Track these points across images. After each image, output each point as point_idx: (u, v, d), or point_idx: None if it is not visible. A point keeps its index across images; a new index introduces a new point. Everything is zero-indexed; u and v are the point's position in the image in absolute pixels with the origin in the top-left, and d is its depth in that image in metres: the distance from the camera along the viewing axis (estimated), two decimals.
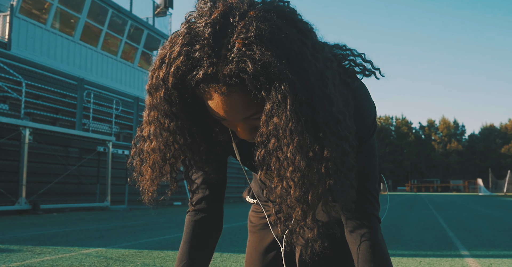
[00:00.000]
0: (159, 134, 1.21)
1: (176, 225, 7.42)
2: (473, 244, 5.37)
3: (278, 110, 1.03)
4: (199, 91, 1.09)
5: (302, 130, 1.03)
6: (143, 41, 20.41)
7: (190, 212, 1.53)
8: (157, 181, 1.31)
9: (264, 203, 1.84)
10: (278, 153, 1.06)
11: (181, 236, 1.51)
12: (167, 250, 4.59)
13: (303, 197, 1.08)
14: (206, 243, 1.52)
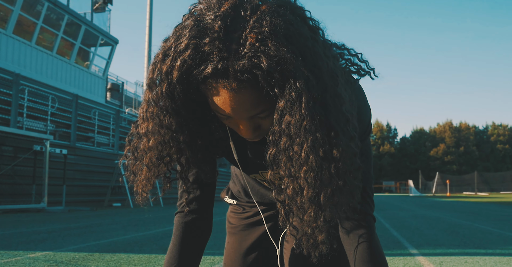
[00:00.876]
0: (157, 131, 1.15)
1: (122, 227, 7.21)
2: (419, 243, 5.55)
3: (292, 108, 1.00)
4: (205, 87, 1.04)
5: (316, 129, 1.01)
6: (81, 37, 19.70)
7: (180, 213, 1.47)
8: (152, 180, 1.25)
9: (246, 204, 1.81)
10: (290, 152, 1.03)
11: (130, 238, 1.45)
12: (119, 253, 4.43)
13: (315, 197, 1.06)
14: (196, 246, 1.46)
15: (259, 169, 1.49)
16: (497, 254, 4.65)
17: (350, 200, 1.12)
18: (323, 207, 1.07)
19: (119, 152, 16.30)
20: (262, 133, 1.16)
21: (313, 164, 1.02)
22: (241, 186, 1.77)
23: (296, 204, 1.08)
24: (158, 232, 6.42)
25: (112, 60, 22.22)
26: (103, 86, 21.70)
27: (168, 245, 1.23)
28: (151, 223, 8.14)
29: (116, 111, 17.76)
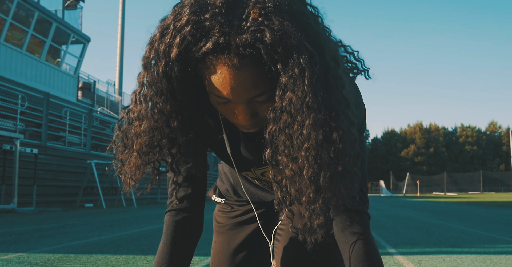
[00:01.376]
0: (150, 116, 1.10)
1: (96, 228, 7.08)
2: (396, 242, 5.60)
3: (294, 84, 0.97)
4: (203, 66, 1.01)
5: (318, 107, 0.98)
6: (51, 34, 19.29)
7: (170, 211, 1.42)
8: (141, 169, 1.19)
9: (234, 203, 1.77)
10: (291, 130, 1.00)
11: (105, 239, 1.40)
12: (96, 254, 4.34)
13: (315, 177, 1.01)
14: (187, 245, 1.42)
15: (251, 167, 1.46)
16: (472, 252, 4.72)
17: (349, 187, 1.09)
18: (322, 189, 1.03)
19: (91, 152, 16.04)
20: (259, 123, 1.13)
21: (314, 142, 0.99)
22: (230, 184, 1.73)
23: (294, 185, 1.04)
24: (134, 233, 6.32)
25: (83, 58, 21.86)
26: (74, 85, 21.33)
27: (144, 246, 1.19)
28: (125, 223, 8.02)
29: (89, 110, 17.47)
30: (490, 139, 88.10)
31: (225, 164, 1.70)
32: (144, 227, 7.23)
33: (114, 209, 13.15)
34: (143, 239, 5.58)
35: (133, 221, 8.73)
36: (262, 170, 1.48)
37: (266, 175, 1.50)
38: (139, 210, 12.81)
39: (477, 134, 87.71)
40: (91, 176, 14.34)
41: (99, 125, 19.60)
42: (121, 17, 31.50)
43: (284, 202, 1.10)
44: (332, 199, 1.06)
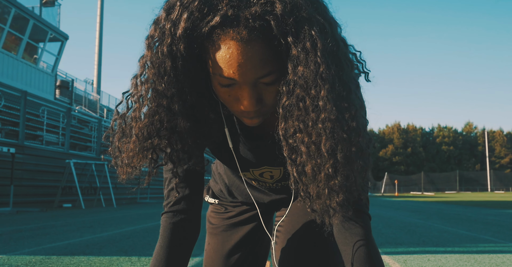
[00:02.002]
0: (151, 98, 1.06)
1: (77, 229, 6.95)
2: (380, 242, 5.62)
3: (307, 56, 0.95)
4: (210, 43, 0.98)
5: (333, 79, 0.96)
6: (29, 31, 18.93)
7: (167, 213, 1.37)
8: (139, 156, 1.14)
9: (229, 204, 1.74)
10: (305, 103, 0.98)
11: (87, 240, 1.36)
12: (78, 256, 4.25)
13: (333, 151, 0.98)
14: (185, 248, 1.37)
15: (249, 167, 1.43)
16: (456, 252, 4.76)
17: (364, 168, 1.06)
18: (340, 164, 1.00)
19: (69, 151, 15.80)
20: (263, 112, 1.09)
21: (330, 114, 0.96)
22: (224, 185, 1.69)
23: (311, 161, 1.01)
24: (116, 234, 6.23)
25: (61, 56, 21.52)
26: (51, 83, 20.97)
27: (127, 247, 1.15)
28: (106, 224, 7.90)
29: (67, 109, 17.19)
30: (466, 140, 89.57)
31: (220, 164, 1.67)
32: (125, 228, 7.13)
33: (93, 209, 12.97)
34: (126, 240, 5.50)
35: (114, 221, 8.61)
36: (260, 171, 1.45)
37: (264, 176, 1.47)
38: (118, 210, 12.66)
39: (454, 134, 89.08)
40: (69, 175, 14.11)
41: (77, 124, 19.30)
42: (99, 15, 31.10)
43: (300, 180, 1.05)
44: (350, 176, 1.02)
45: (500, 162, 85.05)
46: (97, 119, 19.87)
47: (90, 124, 19.79)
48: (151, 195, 21.45)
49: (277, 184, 1.51)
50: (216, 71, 1.00)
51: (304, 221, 1.55)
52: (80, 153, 16.56)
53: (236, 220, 1.71)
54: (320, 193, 1.03)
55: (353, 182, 1.04)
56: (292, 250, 1.53)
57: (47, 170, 14.38)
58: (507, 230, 7.31)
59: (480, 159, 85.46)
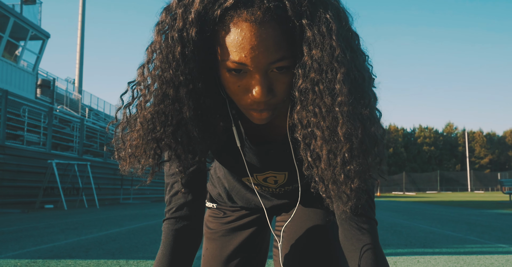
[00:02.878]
0: (158, 85, 1.03)
1: (61, 231, 6.83)
2: None
3: (323, 39, 0.94)
4: (221, 26, 0.96)
5: (349, 63, 0.95)
6: (9, 29, 18.59)
7: (169, 220, 1.34)
8: (141, 149, 1.11)
9: (228, 208, 1.70)
10: (320, 87, 0.96)
11: (72, 243, 1.32)
12: (65, 259, 4.17)
13: (350, 135, 0.96)
14: (187, 255, 1.34)
15: (253, 172, 1.40)
16: (444, 253, 4.78)
17: (380, 158, 1.05)
18: (355, 149, 0.98)
19: (51, 152, 15.56)
20: (273, 103, 1.05)
21: (346, 98, 0.95)
22: (224, 189, 1.66)
23: (327, 145, 0.98)
24: (101, 236, 6.13)
25: (43, 55, 21.22)
26: (33, 82, 20.66)
27: (114, 249, 1.12)
28: (91, 226, 7.78)
29: (49, 109, 16.94)
30: (446, 140, 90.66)
31: (220, 168, 1.63)
32: (111, 230, 7.03)
33: (76, 210, 12.79)
34: (112, 242, 5.41)
35: (98, 223, 8.49)
36: (264, 176, 1.42)
37: (268, 181, 1.44)
38: (102, 211, 12.51)
39: (435, 135, 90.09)
40: (51, 176, 13.90)
41: (59, 124, 19.02)
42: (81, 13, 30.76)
43: (315, 165, 1.02)
44: (365, 163, 1.00)
45: (480, 162, 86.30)
46: (79, 118, 19.61)
47: (72, 124, 19.51)
48: (134, 196, 21.26)
49: (281, 189, 1.48)
50: (226, 57, 0.97)
51: (308, 226, 1.52)
52: (62, 153, 16.33)
53: (235, 224, 1.68)
54: (335, 179, 1.01)
55: (368, 170, 1.02)
56: (296, 255, 1.50)
57: (29, 170, 14.14)
58: (491, 230, 7.38)
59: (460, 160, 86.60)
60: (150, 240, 5.61)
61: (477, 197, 35.03)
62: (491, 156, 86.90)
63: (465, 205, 18.78)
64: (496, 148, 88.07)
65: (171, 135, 1.09)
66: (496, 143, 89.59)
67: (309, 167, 1.05)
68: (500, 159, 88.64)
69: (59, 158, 14.99)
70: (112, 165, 19.33)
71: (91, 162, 16.40)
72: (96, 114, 29.89)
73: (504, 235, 6.56)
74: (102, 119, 29.35)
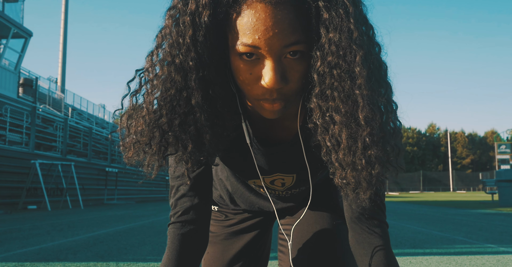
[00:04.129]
0: (167, 72, 0.99)
1: (46, 232, 6.71)
2: None
3: (340, 21, 0.91)
4: (235, 9, 0.93)
5: (367, 46, 0.94)
6: None
7: (175, 224, 1.28)
8: (147, 137, 1.06)
9: (230, 211, 1.67)
10: (339, 70, 0.93)
11: (59, 245, 1.27)
12: (53, 262, 4.08)
13: (370, 119, 0.93)
14: (193, 260, 1.30)
15: (261, 174, 1.36)
16: (434, 253, 4.79)
17: (397, 150, 1.01)
18: (376, 133, 0.94)
19: (35, 152, 15.32)
20: (286, 93, 1.01)
21: (365, 81, 0.92)
22: (226, 192, 1.61)
23: (347, 129, 0.95)
24: (89, 237, 6.04)
25: (25, 53, 20.93)
26: (15, 81, 20.36)
27: (103, 252, 1.08)
28: (76, 227, 7.67)
29: (32, 108, 16.68)
30: (429, 141, 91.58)
31: (222, 170, 1.59)
32: (97, 231, 6.93)
33: (60, 211, 12.62)
34: (100, 244, 5.33)
35: (84, 224, 8.38)
36: (272, 178, 1.38)
37: (275, 183, 1.40)
38: (86, 212, 12.36)
39: (417, 135, 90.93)
40: (35, 176, 13.70)
41: (41, 124, 18.76)
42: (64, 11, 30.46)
43: (334, 150, 0.99)
44: (385, 149, 0.97)
45: (461, 162, 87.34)
46: (63, 118, 19.37)
47: (55, 124, 19.26)
48: (118, 196, 21.06)
49: (287, 192, 1.44)
50: (238, 41, 0.94)
51: (315, 229, 1.49)
52: (45, 153, 16.08)
53: (237, 228, 1.64)
54: (356, 164, 0.97)
55: (387, 159, 0.99)
56: (304, 259, 1.46)
57: (11, 170, 13.90)
58: (477, 230, 7.45)
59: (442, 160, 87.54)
60: (139, 241, 5.53)
61: (460, 197, 35.43)
62: (472, 157, 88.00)
63: (449, 205, 18.96)
64: (477, 149, 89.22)
65: (178, 125, 1.04)
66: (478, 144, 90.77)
67: (327, 152, 1.01)
68: (482, 159, 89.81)
69: (42, 158, 14.76)
70: (96, 165, 19.12)
71: (75, 162, 16.18)
72: (79, 113, 29.58)
73: (491, 235, 6.61)
74: (85, 119, 29.06)
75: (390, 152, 0.99)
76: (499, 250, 5.02)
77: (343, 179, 1.02)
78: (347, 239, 1.39)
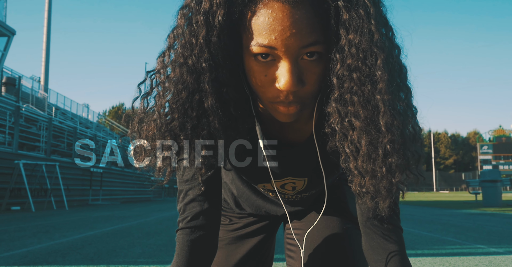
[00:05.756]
0: (179, 74, 0.96)
1: (33, 234, 6.58)
2: None
3: (361, 22, 0.88)
4: (250, 8, 0.90)
5: (389, 50, 0.91)
6: None
7: (184, 229, 1.24)
8: (159, 136, 1.02)
9: (234, 215, 1.63)
10: (359, 73, 0.90)
11: (47, 247, 1.22)
12: (42, 265, 3.99)
13: (391, 125, 0.90)
14: (204, 266, 1.25)
15: (273, 178, 1.32)
16: (426, 254, 4.79)
17: (417, 156, 0.98)
18: (397, 140, 0.91)
19: (18, 152, 15.08)
20: (301, 96, 0.98)
21: (389, 86, 0.89)
22: (231, 195, 1.57)
23: (367, 135, 0.92)
24: (76, 240, 5.93)
25: (8, 52, 20.64)
26: None
27: (92, 254, 1.04)
28: (63, 228, 7.54)
29: (16, 107, 16.42)
30: None
31: (226, 173, 1.55)
32: (85, 233, 6.82)
33: (44, 212, 12.43)
34: (88, 246, 5.23)
35: (70, 225, 8.24)
36: (283, 182, 1.34)
37: (286, 187, 1.36)
38: (71, 213, 12.19)
39: None
40: (18, 177, 13.48)
41: (25, 123, 18.49)
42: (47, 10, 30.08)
43: (353, 157, 0.95)
44: (406, 157, 0.94)
45: (444, 163, 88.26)
46: (47, 118, 19.11)
47: (39, 123, 18.99)
48: (103, 196, 20.86)
49: (297, 196, 1.41)
50: (254, 41, 0.91)
51: (326, 234, 1.45)
52: (29, 154, 15.84)
53: (242, 232, 1.60)
54: (376, 171, 0.94)
55: (407, 166, 0.96)
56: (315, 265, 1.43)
57: None
58: (465, 231, 7.49)
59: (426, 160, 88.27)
60: (128, 243, 5.45)
61: (444, 197, 35.77)
62: (455, 157, 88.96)
63: (434, 205, 19.11)
64: (460, 149, 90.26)
65: (190, 129, 1.00)
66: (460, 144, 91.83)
67: (346, 159, 0.98)
68: (464, 159, 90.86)
69: (26, 159, 14.54)
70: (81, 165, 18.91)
71: (59, 162, 15.96)
72: (63, 113, 29.25)
73: (480, 236, 6.65)
74: (69, 118, 28.76)
75: (410, 158, 0.96)
76: (490, 251, 5.04)
77: (362, 187, 0.99)
78: (358, 244, 1.36)
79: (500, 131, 71.94)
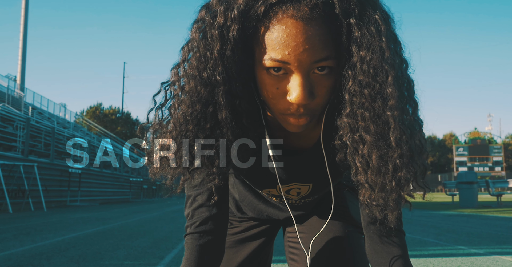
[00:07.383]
0: (193, 86, 0.98)
1: (14, 236, 6.49)
2: None
3: (372, 39, 0.91)
4: (264, 23, 0.92)
5: (398, 66, 0.94)
6: None
7: (192, 234, 1.26)
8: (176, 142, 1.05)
9: (236, 219, 1.64)
10: (370, 89, 0.93)
11: (30, 250, 1.23)
12: None
13: (401, 141, 0.94)
14: None
15: (277, 183, 1.35)
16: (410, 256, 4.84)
17: (423, 168, 1.02)
18: (406, 154, 0.95)
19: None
20: (312, 108, 1.01)
21: (399, 102, 0.92)
22: (232, 199, 1.60)
23: (377, 151, 0.95)
24: (59, 242, 5.86)
25: None
26: None
27: (77, 256, 1.05)
28: (44, 230, 7.44)
29: None
30: None
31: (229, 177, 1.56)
32: (66, 235, 6.74)
33: (22, 213, 12.23)
34: (72, 248, 5.18)
35: (51, 227, 8.13)
36: (288, 187, 1.37)
37: (291, 192, 1.38)
38: (50, 214, 12.02)
39: None
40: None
41: (1, 123, 18.17)
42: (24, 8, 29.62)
43: (364, 171, 0.99)
44: (413, 171, 0.98)
45: None
46: (24, 118, 18.80)
47: (15, 123, 18.68)
48: (81, 198, 20.61)
49: (301, 200, 1.44)
50: (267, 56, 0.93)
51: (328, 237, 1.48)
52: (6, 154, 15.57)
53: (242, 236, 1.62)
54: (385, 185, 0.98)
55: (415, 177, 1.00)
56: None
57: None
58: (446, 232, 7.61)
59: None
60: (112, 246, 5.41)
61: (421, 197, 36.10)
62: (432, 159, 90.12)
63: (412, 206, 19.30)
64: (436, 151, 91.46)
65: (205, 132, 1.03)
66: (437, 146, 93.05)
67: (357, 173, 1.01)
68: (441, 161, 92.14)
69: (3, 159, 14.29)
70: (58, 166, 18.64)
71: (37, 163, 15.72)
72: (40, 113, 28.82)
73: (460, 237, 6.77)
74: (46, 118, 28.34)
75: (417, 171, 1.00)
76: (471, 252, 5.14)
77: (372, 200, 1.03)
78: (360, 247, 1.39)
79: (476, 133, 73.29)
